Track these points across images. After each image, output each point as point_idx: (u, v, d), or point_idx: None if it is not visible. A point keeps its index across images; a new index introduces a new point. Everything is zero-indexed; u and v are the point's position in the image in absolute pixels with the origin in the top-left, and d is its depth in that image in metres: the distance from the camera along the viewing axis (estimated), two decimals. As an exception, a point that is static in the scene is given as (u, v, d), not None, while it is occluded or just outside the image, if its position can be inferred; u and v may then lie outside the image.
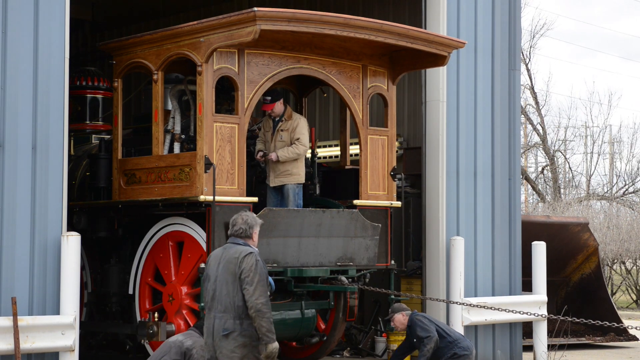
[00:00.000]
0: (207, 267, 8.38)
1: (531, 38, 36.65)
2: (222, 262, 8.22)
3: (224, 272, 8.16)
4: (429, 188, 13.54)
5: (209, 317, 8.17)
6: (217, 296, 8.13)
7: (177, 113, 11.65)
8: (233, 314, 8.06)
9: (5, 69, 10.11)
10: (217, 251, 8.45)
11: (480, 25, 13.95)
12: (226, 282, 8.12)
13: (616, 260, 26.92)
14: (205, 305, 8.29)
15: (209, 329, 8.15)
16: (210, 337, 8.13)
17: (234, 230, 8.39)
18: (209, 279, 8.26)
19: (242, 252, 8.22)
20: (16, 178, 10.13)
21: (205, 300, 8.30)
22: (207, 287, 8.26)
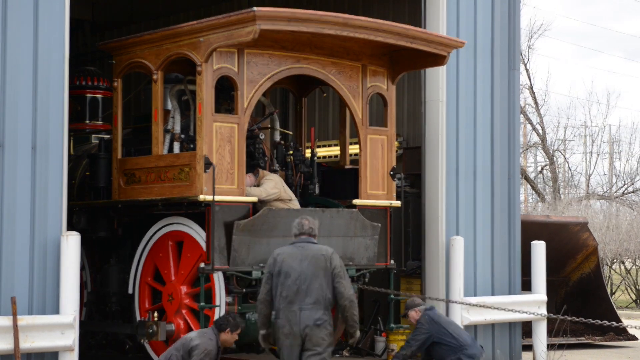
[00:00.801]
0: (282, 264, 9.17)
1: (529, 38, 36.66)
2: (306, 259, 9.16)
3: (311, 268, 9.11)
4: (429, 188, 13.54)
5: (290, 310, 9.04)
6: (305, 290, 9.05)
7: (176, 113, 11.66)
8: (323, 306, 9.09)
9: (5, 68, 10.11)
10: (290, 249, 9.30)
11: (480, 25, 13.96)
12: (316, 276, 9.09)
13: (615, 260, 26.92)
14: (283, 299, 9.08)
15: (294, 319, 9.03)
16: (297, 326, 9.02)
17: (305, 230, 9.40)
18: (289, 275, 9.09)
19: (327, 249, 9.34)
20: (16, 178, 10.13)
21: (282, 294, 9.09)
22: (284, 282, 9.08)
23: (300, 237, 9.40)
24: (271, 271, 9.24)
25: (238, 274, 10.95)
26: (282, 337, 9.15)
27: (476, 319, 13.19)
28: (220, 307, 10.97)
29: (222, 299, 10.99)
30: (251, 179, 11.62)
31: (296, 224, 9.47)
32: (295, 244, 9.37)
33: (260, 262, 11.00)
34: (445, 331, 11.29)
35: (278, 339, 9.23)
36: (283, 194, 11.64)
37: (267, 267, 9.33)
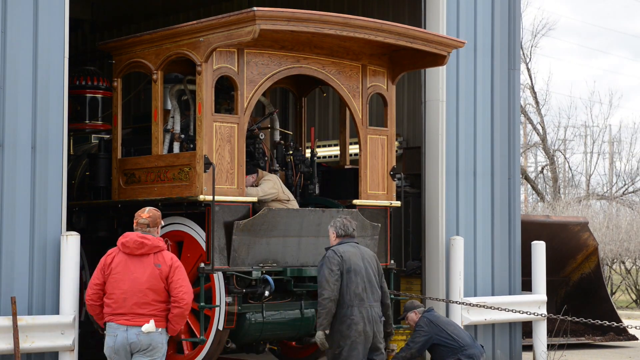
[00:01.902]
0: (349, 261, 9.39)
1: (533, 37, 36.67)
2: (364, 258, 9.53)
3: (369, 268, 9.51)
4: (429, 188, 13.54)
5: (363, 307, 9.32)
6: (370, 288, 9.42)
7: (176, 113, 11.65)
8: (379, 304, 9.53)
9: (4, 68, 10.12)
10: (349, 247, 9.56)
11: (480, 25, 13.95)
12: (374, 275, 9.51)
13: (616, 260, 26.93)
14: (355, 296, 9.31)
15: (368, 317, 9.33)
16: (370, 324, 9.32)
17: (350, 232, 9.66)
18: (358, 272, 9.38)
19: (372, 251, 9.84)
20: (16, 178, 10.14)
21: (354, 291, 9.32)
22: (355, 280, 9.35)
23: (346, 237, 9.66)
24: (341, 269, 9.38)
25: (238, 274, 10.94)
26: (354, 335, 9.28)
27: (476, 319, 13.19)
28: (220, 307, 10.97)
29: (222, 299, 10.98)
30: (252, 179, 11.62)
31: (340, 225, 9.66)
32: (350, 244, 9.62)
33: (260, 262, 11.00)
34: (444, 332, 11.29)
35: (347, 337, 9.29)
36: (281, 194, 11.63)
37: (336, 265, 9.37)
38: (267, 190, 11.48)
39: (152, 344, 8.09)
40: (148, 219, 8.34)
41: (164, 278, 8.10)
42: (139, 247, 8.16)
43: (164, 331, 8.19)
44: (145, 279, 8.08)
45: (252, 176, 11.58)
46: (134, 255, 8.17)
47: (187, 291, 8.13)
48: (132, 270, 8.12)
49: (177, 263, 8.25)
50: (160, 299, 8.08)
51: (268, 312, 11.43)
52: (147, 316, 8.04)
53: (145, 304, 8.04)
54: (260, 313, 11.38)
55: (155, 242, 8.21)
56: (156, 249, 8.21)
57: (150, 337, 8.06)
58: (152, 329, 8.03)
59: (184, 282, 8.14)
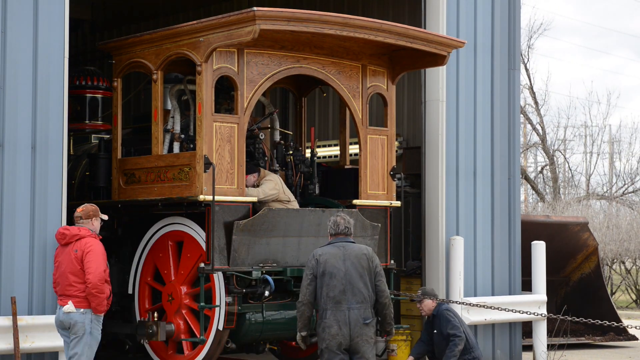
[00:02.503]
0: (325, 264, 9.16)
1: (529, 38, 36.66)
2: (348, 258, 9.19)
3: (354, 268, 9.18)
4: (429, 188, 13.54)
5: (339, 310, 9.06)
6: (351, 289, 9.10)
7: (176, 113, 11.65)
8: (369, 304, 9.20)
9: (4, 68, 10.12)
10: (331, 249, 9.26)
11: (480, 25, 13.95)
12: (360, 276, 9.17)
13: (616, 260, 26.92)
14: (329, 300, 9.08)
15: (344, 319, 9.06)
16: (346, 326, 9.06)
17: (341, 230, 9.36)
18: (334, 275, 9.11)
19: (367, 248, 9.42)
20: (16, 178, 10.14)
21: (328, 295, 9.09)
22: (330, 283, 9.10)
23: (337, 237, 9.39)
24: (314, 272, 9.20)
25: (238, 274, 10.94)
26: (328, 337, 9.12)
27: (476, 319, 13.19)
28: (220, 307, 10.97)
29: (222, 299, 10.98)
30: (253, 179, 11.62)
31: (332, 224, 9.43)
32: (334, 244, 9.33)
33: (260, 262, 11.00)
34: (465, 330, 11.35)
35: (323, 340, 9.16)
36: (282, 195, 11.63)
37: (309, 269, 9.23)
38: (267, 192, 11.48)
39: (72, 322, 9.03)
40: (80, 212, 9.32)
41: (80, 262, 9.05)
42: (62, 238, 9.23)
43: (88, 311, 9.08)
44: (66, 264, 9.10)
45: (253, 175, 11.58)
46: (62, 244, 9.23)
47: (92, 272, 8.97)
48: (61, 257, 9.18)
49: (89, 248, 9.09)
50: (80, 281, 9.05)
51: (268, 312, 11.43)
52: (70, 297, 9.06)
53: (68, 286, 9.07)
54: (260, 313, 11.39)
55: (75, 232, 9.18)
56: (76, 237, 9.16)
57: (70, 316, 9.03)
58: (72, 310, 9.00)
59: (92, 265, 9.00)
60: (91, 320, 9.05)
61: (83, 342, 9.01)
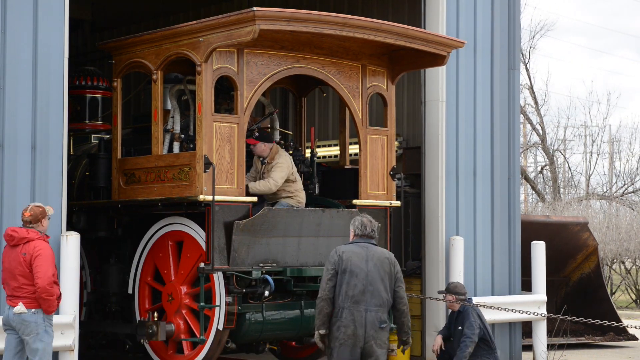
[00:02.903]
0: (348, 262, 8.95)
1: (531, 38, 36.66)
2: (371, 260, 9.01)
3: (376, 270, 8.99)
4: (429, 188, 13.54)
5: (357, 310, 8.87)
6: (371, 291, 8.93)
7: (176, 113, 11.66)
8: (386, 309, 9.07)
9: (4, 68, 10.12)
10: (355, 247, 9.09)
11: (480, 25, 13.95)
12: (381, 279, 9.00)
13: (616, 260, 26.91)
14: (348, 298, 8.88)
15: (360, 320, 8.87)
16: (362, 328, 8.88)
17: (368, 232, 9.21)
18: (356, 274, 8.92)
19: (390, 253, 9.27)
20: (16, 178, 10.14)
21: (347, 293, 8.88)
22: (350, 281, 8.90)
23: (362, 237, 9.22)
24: (336, 268, 8.97)
25: (238, 274, 10.95)
26: (342, 337, 8.91)
27: (476, 319, 13.17)
28: (220, 307, 10.97)
29: (222, 299, 10.98)
30: (264, 147, 11.57)
31: (359, 224, 9.26)
32: (358, 244, 9.16)
33: (260, 262, 11.00)
34: (487, 329, 11.40)
35: (336, 339, 8.94)
36: (290, 175, 11.64)
37: (331, 264, 8.99)
38: (279, 182, 11.47)
39: (24, 323, 9.08)
40: (29, 217, 9.27)
41: (29, 265, 9.08)
42: (10, 240, 9.24)
43: (39, 311, 9.11)
44: (15, 266, 9.13)
45: (265, 145, 11.54)
46: (10, 246, 9.22)
47: (41, 276, 9.01)
48: (9, 259, 9.22)
49: (38, 252, 9.11)
50: (30, 282, 9.09)
51: (268, 312, 11.43)
52: (20, 298, 9.11)
53: (18, 288, 9.12)
54: (260, 313, 11.39)
55: (23, 234, 9.19)
56: (24, 240, 9.17)
57: (22, 317, 9.08)
58: (22, 310, 9.07)
59: (40, 269, 9.04)
60: (43, 320, 9.15)
61: (39, 342, 9.10)
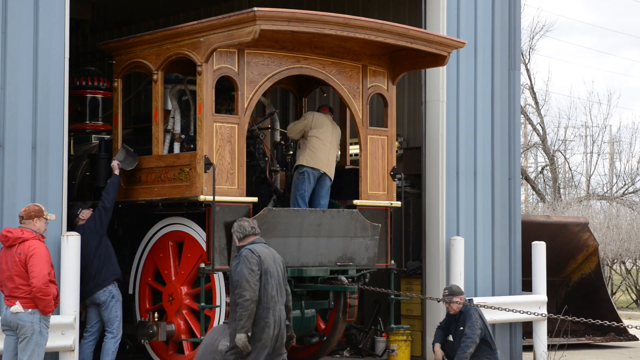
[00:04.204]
0: (265, 262, 8.96)
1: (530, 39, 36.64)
2: (275, 260, 9.11)
3: (280, 270, 9.13)
4: (429, 188, 13.54)
5: (275, 309, 8.91)
6: (280, 290, 9.01)
7: (177, 113, 11.66)
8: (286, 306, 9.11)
9: (5, 69, 10.12)
10: (264, 248, 9.10)
11: (480, 25, 13.95)
12: (283, 278, 9.14)
13: (616, 260, 26.91)
14: (270, 299, 8.89)
15: (276, 321, 8.91)
16: (279, 327, 8.93)
17: (250, 232, 9.19)
18: (272, 274, 8.97)
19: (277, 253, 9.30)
20: (16, 178, 10.14)
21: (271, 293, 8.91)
22: (270, 281, 8.93)
23: (249, 238, 9.13)
24: (260, 270, 8.94)
25: (238, 274, 10.93)
26: (266, 337, 8.87)
27: (476, 319, 13.17)
28: (221, 308, 10.97)
29: (222, 299, 10.98)
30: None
31: (238, 228, 9.17)
32: (262, 244, 9.15)
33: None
34: (488, 330, 11.42)
35: (259, 340, 8.87)
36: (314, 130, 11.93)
37: (256, 265, 8.89)
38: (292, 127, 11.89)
39: (20, 323, 9.10)
40: (22, 212, 9.36)
41: (24, 265, 9.11)
42: (5, 240, 9.27)
43: (36, 311, 9.13)
44: (11, 267, 9.16)
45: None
46: (5, 246, 9.27)
47: (36, 276, 9.04)
48: (5, 259, 9.23)
49: (32, 252, 9.14)
50: (26, 283, 9.10)
51: (268, 312, 11.41)
52: (17, 299, 9.13)
53: (15, 288, 9.14)
54: (260, 313, 11.38)
55: (18, 234, 9.22)
56: (19, 240, 9.20)
57: (18, 316, 9.10)
58: (19, 310, 9.09)
59: (35, 268, 9.07)
60: (39, 320, 9.16)
61: (33, 342, 9.12)
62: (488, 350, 11.38)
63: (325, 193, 11.93)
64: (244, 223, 9.21)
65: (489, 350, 11.38)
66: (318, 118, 11.99)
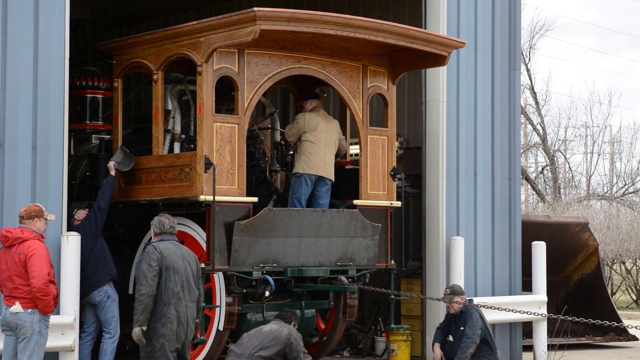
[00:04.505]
0: (168, 259, 9.16)
1: (530, 38, 36.65)
2: (183, 257, 9.30)
3: (188, 268, 9.28)
4: (429, 188, 13.54)
5: (180, 306, 9.12)
6: (188, 288, 9.20)
7: (177, 113, 11.65)
8: (195, 305, 9.31)
9: (5, 69, 10.12)
10: (170, 245, 9.31)
11: (480, 25, 13.95)
12: (193, 276, 9.31)
13: (616, 260, 26.91)
14: (172, 295, 9.11)
15: (182, 317, 9.13)
16: (183, 324, 9.15)
17: (167, 230, 9.41)
18: (177, 271, 9.17)
19: (191, 252, 9.54)
20: (16, 178, 10.14)
21: (172, 290, 9.11)
22: (173, 278, 9.14)
23: (163, 235, 9.39)
24: (160, 265, 9.12)
25: (238, 275, 10.95)
26: (168, 333, 9.08)
27: (477, 319, 13.17)
28: (221, 308, 10.97)
29: (222, 299, 10.99)
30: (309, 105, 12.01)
31: (157, 223, 9.43)
32: (170, 241, 9.36)
33: (260, 262, 11.00)
34: (488, 330, 11.42)
35: (162, 335, 9.09)
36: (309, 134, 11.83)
37: (155, 261, 9.08)
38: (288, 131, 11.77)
39: (20, 323, 9.09)
40: (23, 212, 9.37)
41: (24, 265, 9.10)
42: (4, 241, 9.26)
43: (35, 311, 9.11)
44: (11, 267, 9.14)
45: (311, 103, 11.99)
46: (5, 247, 9.25)
47: (36, 276, 9.03)
48: (5, 260, 9.21)
49: (32, 252, 9.12)
50: (26, 283, 9.09)
51: (268, 312, 11.43)
52: (16, 299, 9.12)
53: (14, 289, 9.12)
54: (260, 313, 11.40)
55: (17, 234, 9.20)
56: (19, 240, 9.19)
57: (18, 317, 9.10)
58: (19, 310, 9.08)
59: (35, 269, 9.05)
60: (39, 320, 9.16)
61: (33, 342, 9.12)
62: (488, 351, 11.40)
63: (324, 194, 11.91)
64: (164, 220, 9.46)
65: (489, 351, 11.40)
66: (309, 120, 11.88)
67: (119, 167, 11.41)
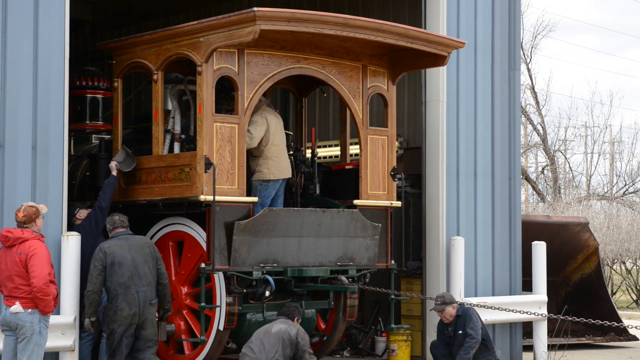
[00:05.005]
0: (112, 255, 10.15)
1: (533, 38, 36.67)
2: (133, 248, 10.26)
3: (139, 255, 10.25)
4: (429, 188, 13.54)
5: (129, 294, 10.11)
6: (138, 274, 10.17)
7: (177, 113, 11.65)
8: (153, 287, 10.29)
9: (5, 69, 10.12)
10: (116, 241, 10.30)
11: (480, 25, 13.95)
12: (145, 262, 10.25)
13: (616, 260, 26.92)
14: (119, 286, 10.10)
15: (134, 301, 10.12)
16: (136, 307, 10.13)
17: (118, 225, 10.47)
18: (122, 264, 10.13)
19: (147, 239, 10.80)
20: (16, 178, 10.14)
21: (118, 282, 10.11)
22: (118, 271, 10.12)
23: (117, 230, 10.45)
24: (103, 264, 10.15)
25: (238, 274, 10.95)
26: (120, 319, 10.11)
27: (477, 319, 13.16)
28: (221, 308, 10.97)
29: (222, 299, 10.98)
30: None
31: (109, 221, 10.56)
32: (117, 237, 10.37)
33: (260, 262, 11.00)
34: (485, 330, 11.43)
35: (114, 321, 10.12)
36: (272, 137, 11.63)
37: (98, 261, 10.15)
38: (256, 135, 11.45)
39: (20, 323, 9.12)
40: (23, 217, 9.36)
41: (24, 265, 9.13)
42: (5, 241, 9.29)
43: (35, 311, 9.15)
44: (12, 267, 9.18)
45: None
46: (5, 247, 9.27)
47: (36, 276, 9.07)
48: (5, 259, 9.24)
49: (33, 251, 9.17)
50: (26, 283, 9.13)
51: (268, 312, 11.43)
52: (17, 299, 9.15)
53: (15, 289, 9.16)
54: (260, 313, 11.40)
55: (18, 234, 9.24)
56: (19, 240, 9.22)
57: (18, 316, 9.13)
58: (19, 310, 9.12)
59: (36, 268, 9.10)
60: (39, 320, 9.18)
61: (33, 342, 9.15)
62: (486, 350, 11.39)
63: (282, 191, 11.89)
64: (114, 217, 10.54)
65: (487, 350, 11.39)
66: (271, 122, 11.74)
67: (121, 167, 11.41)
